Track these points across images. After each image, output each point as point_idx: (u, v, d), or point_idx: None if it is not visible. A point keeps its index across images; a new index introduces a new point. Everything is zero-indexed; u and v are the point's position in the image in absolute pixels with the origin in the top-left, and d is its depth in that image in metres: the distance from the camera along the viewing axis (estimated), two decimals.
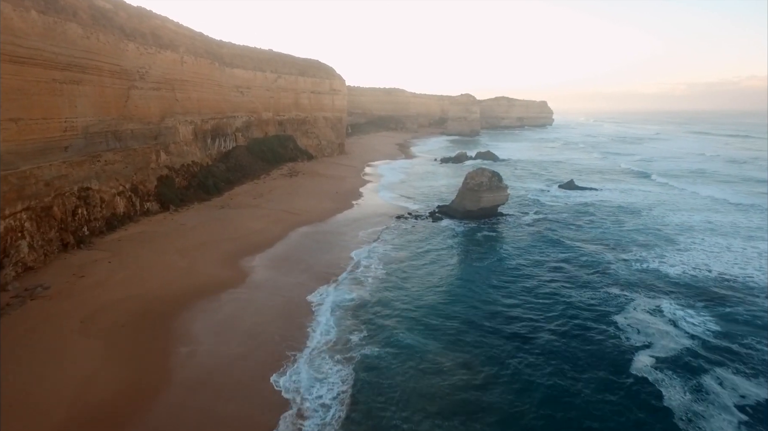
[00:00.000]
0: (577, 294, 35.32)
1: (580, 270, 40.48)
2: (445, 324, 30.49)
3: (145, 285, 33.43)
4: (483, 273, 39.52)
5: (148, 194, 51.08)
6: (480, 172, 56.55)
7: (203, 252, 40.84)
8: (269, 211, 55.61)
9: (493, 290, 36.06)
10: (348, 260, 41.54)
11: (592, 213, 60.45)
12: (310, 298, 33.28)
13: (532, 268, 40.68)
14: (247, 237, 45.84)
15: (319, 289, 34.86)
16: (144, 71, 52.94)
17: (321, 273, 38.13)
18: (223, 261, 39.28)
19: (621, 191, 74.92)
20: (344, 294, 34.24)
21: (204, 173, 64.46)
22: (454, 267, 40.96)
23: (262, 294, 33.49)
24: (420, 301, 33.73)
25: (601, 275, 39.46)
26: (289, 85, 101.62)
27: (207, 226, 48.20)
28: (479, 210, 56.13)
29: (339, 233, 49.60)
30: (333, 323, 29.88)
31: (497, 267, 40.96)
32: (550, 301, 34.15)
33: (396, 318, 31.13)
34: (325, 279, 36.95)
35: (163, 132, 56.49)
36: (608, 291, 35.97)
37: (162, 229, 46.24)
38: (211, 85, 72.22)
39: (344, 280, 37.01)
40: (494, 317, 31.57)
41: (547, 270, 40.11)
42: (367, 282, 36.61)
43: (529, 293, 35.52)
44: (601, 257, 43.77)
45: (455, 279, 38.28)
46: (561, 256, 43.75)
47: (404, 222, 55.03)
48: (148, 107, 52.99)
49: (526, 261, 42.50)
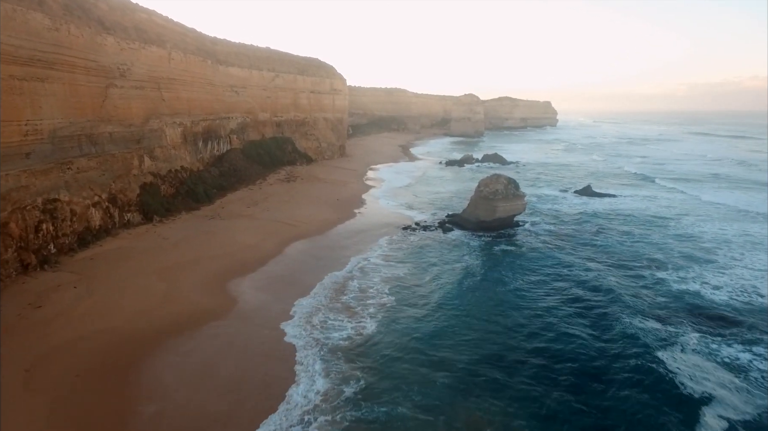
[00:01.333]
0: (618, 325, 30.31)
1: (615, 292, 35.52)
2: (471, 371, 25.42)
3: (112, 317, 28.52)
4: (508, 299, 34.48)
5: (128, 204, 46.17)
6: (495, 179, 51.60)
7: (186, 273, 35.92)
8: (263, 222, 50.67)
9: (523, 321, 31.03)
10: (349, 281, 36.62)
11: (617, 223, 55.47)
12: (303, 335, 28.31)
13: (563, 291, 35.68)
14: (238, 253, 40.92)
15: (315, 320, 29.93)
16: (125, 68, 48.01)
17: (319, 298, 33.22)
18: (207, 285, 34.36)
19: (642, 198, 69.91)
20: (345, 327, 29.30)
21: (194, 179, 59.53)
22: (473, 293, 35.92)
23: (249, 328, 28.56)
24: (439, 342, 28.35)
25: (637, 299, 34.56)
26: (288, 85, 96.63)
27: (193, 241, 43.27)
28: (494, 220, 51.20)
29: (340, 247, 44.69)
30: (331, 369, 24.87)
31: (523, 291, 35.95)
32: (590, 334, 29.18)
33: (407, 363, 25.96)
34: (324, 306, 32.02)
35: (148, 135, 51.57)
36: (649, 321, 31.11)
37: (142, 244, 41.31)
38: (203, 84, 67.30)
39: (345, 308, 32.07)
40: (530, 357, 26.62)
41: (581, 294, 35.08)
42: (371, 312, 31.63)
43: (565, 324, 30.51)
44: (636, 276, 38.90)
45: (476, 308, 33.24)
46: (591, 275, 38.77)
47: (411, 235, 50.11)
48: (129, 107, 48.07)
49: (554, 282, 37.49)
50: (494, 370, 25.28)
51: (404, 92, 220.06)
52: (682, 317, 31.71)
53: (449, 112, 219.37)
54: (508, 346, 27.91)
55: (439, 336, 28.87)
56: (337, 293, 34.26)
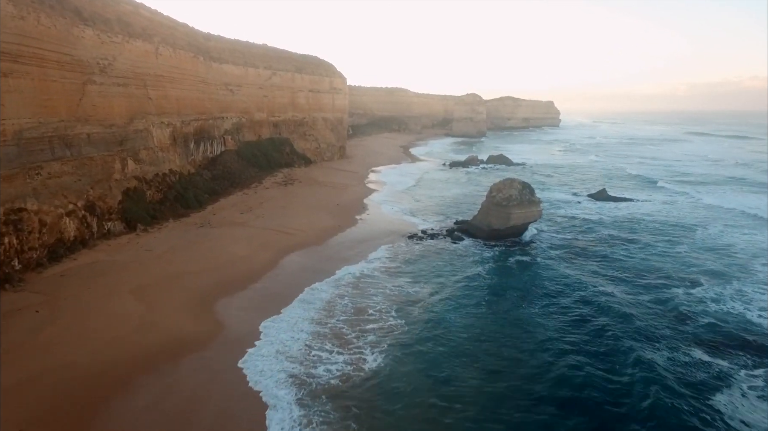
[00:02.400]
0: (661, 359, 26.21)
1: (649, 312, 31.61)
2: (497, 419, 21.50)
3: (77, 348, 24.53)
4: (531, 328, 30.30)
5: (109, 212, 42.16)
6: (508, 184, 47.63)
7: (168, 292, 31.93)
8: (257, 231, 46.66)
9: (549, 358, 27.04)
10: (350, 300, 32.61)
11: (638, 230, 51.51)
12: (296, 373, 24.35)
13: (589, 317, 31.46)
14: (228, 267, 36.92)
15: (311, 353, 25.97)
16: (106, 63, 44.04)
17: (316, 323, 29.24)
18: (191, 306, 30.37)
19: (661, 202, 65.86)
20: (348, 360, 25.33)
21: (184, 183, 55.51)
22: (490, 315, 31.90)
23: (236, 359, 24.62)
24: (460, 385, 24.26)
25: (676, 322, 30.61)
26: (285, 83, 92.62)
27: (179, 252, 39.26)
28: (508, 229, 47.24)
29: (340, 259, 40.70)
30: (332, 419, 20.91)
31: (546, 316, 31.75)
32: (628, 373, 24.91)
33: (416, 408, 22.08)
34: (322, 336, 28.05)
35: (132, 136, 47.56)
36: (694, 351, 27.12)
37: (122, 257, 37.30)
38: (194, 82, 63.31)
39: (338, 335, 28.09)
40: (560, 400, 22.65)
41: (610, 322, 30.83)
42: (375, 340, 27.65)
43: (596, 361, 26.35)
44: (670, 297, 34.76)
45: (497, 335, 29.26)
46: (620, 296, 34.71)
47: (418, 244, 46.15)
48: (110, 106, 44.07)
49: (579, 306, 33.23)
50: (519, 404, 21.32)
51: (405, 92, 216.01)
52: (731, 347, 27.69)
53: (451, 112, 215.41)
54: (543, 377, 23.95)
55: (460, 379, 24.72)
56: (336, 315, 30.28)
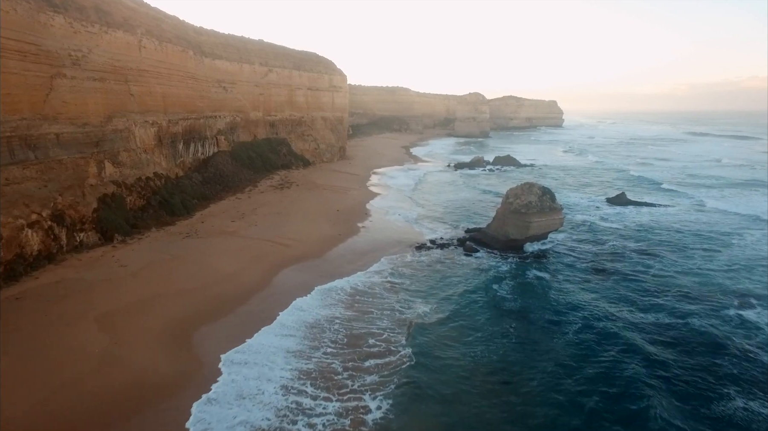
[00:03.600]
0: (723, 404, 21.74)
1: (705, 349, 26.97)
2: None
3: (21, 395, 20.01)
4: (565, 357, 25.85)
5: (81, 221, 37.55)
6: (527, 189, 43.01)
7: (141, 319, 27.32)
8: (249, 241, 42.05)
9: (592, 391, 22.51)
10: (350, 325, 28.03)
11: (668, 241, 46.82)
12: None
13: (630, 346, 26.90)
14: (213, 286, 32.32)
15: (289, 400, 21.37)
16: (80, 55, 39.44)
17: (298, 357, 24.64)
18: (166, 336, 25.79)
19: (687, 208, 61.06)
20: (341, 410, 20.73)
21: (170, 188, 50.85)
22: (516, 346, 27.34)
23: (218, 412, 20.01)
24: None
25: (737, 362, 25.85)
26: (282, 81, 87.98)
27: (158, 268, 34.64)
28: (527, 239, 42.65)
29: (341, 275, 36.11)
30: None
31: (579, 340, 27.39)
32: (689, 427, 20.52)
33: None
34: (305, 374, 23.45)
35: (110, 136, 42.95)
36: (758, 392, 22.65)
37: (91, 275, 32.67)
38: (183, 78, 58.68)
39: (337, 376, 23.50)
40: None
41: (656, 352, 26.33)
42: (377, 382, 23.02)
43: (650, 406, 21.83)
44: (721, 320, 30.24)
45: (527, 371, 24.70)
46: (664, 319, 30.21)
47: (427, 255, 41.63)
48: (84, 103, 39.46)
49: (613, 327, 28.78)
50: None
51: (406, 91, 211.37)
52: None
53: (453, 112, 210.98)
54: None
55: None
56: (324, 344, 25.69)
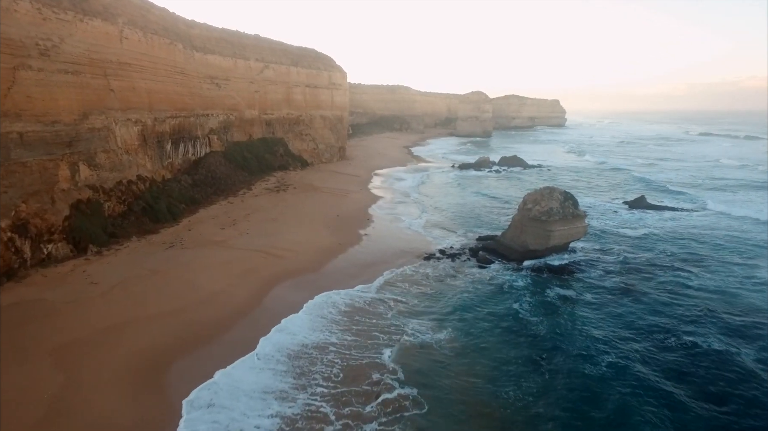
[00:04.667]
0: None
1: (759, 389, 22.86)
2: None
3: None
4: (603, 397, 21.70)
5: (50, 231, 33.37)
6: (547, 194, 38.85)
7: (103, 353, 23.13)
8: (239, 253, 37.82)
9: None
10: (347, 355, 23.87)
11: (700, 251, 42.55)
12: None
13: (671, 398, 22.85)
14: (194, 309, 28.13)
15: None
16: (50, 45, 35.24)
17: (280, 400, 20.45)
18: (133, 374, 21.64)
19: (713, 213, 56.76)
20: None
21: (155, 192, 46.65)
22: (545, 381, 23.21)
23: None
24: None
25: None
26: (279, 77, 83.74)
27: (133, 287, 30.41)
28: (547, 249, 38.50)
29: (340, 290, 31.95)
30: None
31: (615, 375, 23.22)
32: None
33: None
34: (289, 422, 19.27)
35: (85, 135, 38.73)
36: None
37: (55, 296, 28.47)
38: (171, 73, 54.47)
39: (343, 427, 19.33)
40: None
41: (695, 401, 22.26)
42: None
43: None
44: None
45: (563, 415, 20.54)
46: (721, 349, 26.03)
47: (436, 267, 37.55)
48: (53, 99, 35.24)
49: (655, 376, 24.55)
50: None
51: (407, 90, 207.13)
52: None
53: (454, 111, 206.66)
54: None
55: None
56: (312, 383, 21.51)
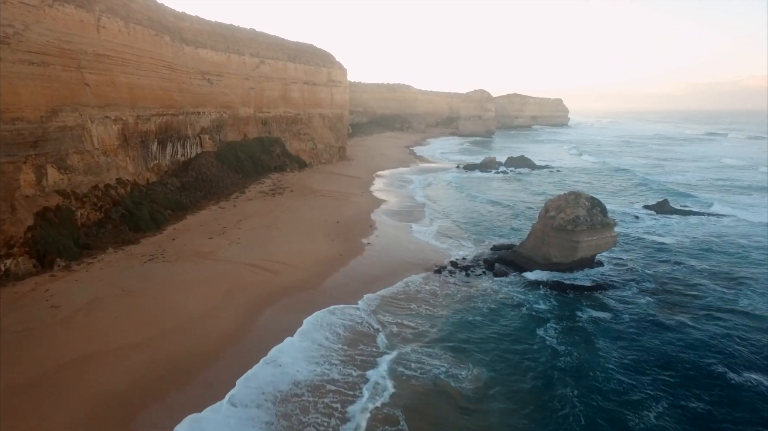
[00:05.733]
0: None
1: None
2: None
3: None
4: None
5: (8, 244, 29.17)
6: (572, 200, 34.66)
7: (53, 401, 18.94)
8: (227, 266, 33.60)
9: None
10: (355, 401, 19.70)
11: (741, 262, 38.39)
12: None
13: None
14: (170, 338, 23.94)
15: None
16: (11, 31, 31.04)
17: None
18: (91, 427, 17.41)
19: (743, 219, 52.45)
20: None
21: (136, 197, 42.43)
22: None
23: None
24: None
25: None
26: (276, 74, 79.51)
27: (101, 311, 26.18)
28: (573, 263, 34.34)
29: (340, 310, 27.79)
30: None
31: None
32: None
33: None
34: None
35: (54, 135, 34.53)
36: None
37: (4, 323, 24.21)
38: (157, 67, 50.25)
39: None
40: None
41: None
42: None
43: None
44: None
45: None
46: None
47: (447, 284, 33.43)
48: (14, 92, 31.03)
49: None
50: None
51: (408, 88, 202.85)
52: None
53: (456, 110, 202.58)
54: None
55: None
56: None
